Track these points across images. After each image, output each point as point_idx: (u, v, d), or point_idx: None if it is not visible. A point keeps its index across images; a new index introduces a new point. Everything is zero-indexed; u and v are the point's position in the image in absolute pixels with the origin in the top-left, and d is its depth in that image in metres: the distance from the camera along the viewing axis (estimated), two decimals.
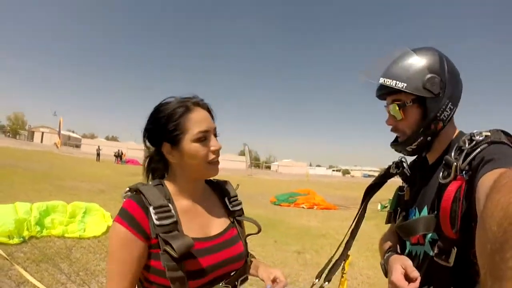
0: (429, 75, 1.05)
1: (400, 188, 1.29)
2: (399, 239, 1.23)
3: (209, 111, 1.10)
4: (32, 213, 5.03)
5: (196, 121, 1.02)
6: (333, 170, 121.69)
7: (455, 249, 0.91)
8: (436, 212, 0.99)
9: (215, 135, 1.08)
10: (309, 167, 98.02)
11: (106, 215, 6.07)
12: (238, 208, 1.18)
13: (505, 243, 0.31)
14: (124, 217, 0.93)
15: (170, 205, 0.98)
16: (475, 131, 0.99)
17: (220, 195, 1.19)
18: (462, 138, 0.99)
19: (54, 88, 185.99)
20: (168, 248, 0.89)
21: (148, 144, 1.09)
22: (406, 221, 1.15)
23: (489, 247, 0.33)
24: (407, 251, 1.18)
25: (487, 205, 0.38)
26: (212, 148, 1.04)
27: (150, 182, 1.07)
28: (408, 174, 1.26)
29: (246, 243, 1.15)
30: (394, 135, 1.22)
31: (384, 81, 1.10)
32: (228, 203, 1.17)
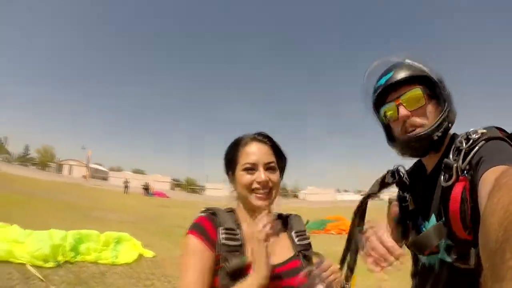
0: (440, 76, 1.07)
1: (402, 199, 1.20)
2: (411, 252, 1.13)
3: (271, 145, 1.16)
4: (67, 239, 5.15)
5: (246, 153, 1.11)
6: (361, 195, 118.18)
7: (473, 250, 0.87)
8: (444, 218, 0.94)
9: (270, 168, 1.11)
10: (337, 193, 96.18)
11: (137, 244, 6.21)
12: (304, 242, 1.18)
13: (505, 242, 0.30)
14: (197, 229, 1.02)
15: (237, 230, 1.05)
16: (470, 130, 0.96)
17: (287, 228, 1.21)
18: (458, 138, 0.97)
19: (80, 122, 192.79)
20: (226, 264, 0.96)
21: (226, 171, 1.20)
22: (418, 235, 1.05)
23: (490, 246, 0.33)
24: (421, 263, 1.12)
25: (489, 204, 0.38)
26: (256, 179, 1.08)
27: (224, 208, 1.15)
28: (408, 183, 1.19)
29: None
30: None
31: (411, 62, 1.08)
32: (294, 237, 1.18)
